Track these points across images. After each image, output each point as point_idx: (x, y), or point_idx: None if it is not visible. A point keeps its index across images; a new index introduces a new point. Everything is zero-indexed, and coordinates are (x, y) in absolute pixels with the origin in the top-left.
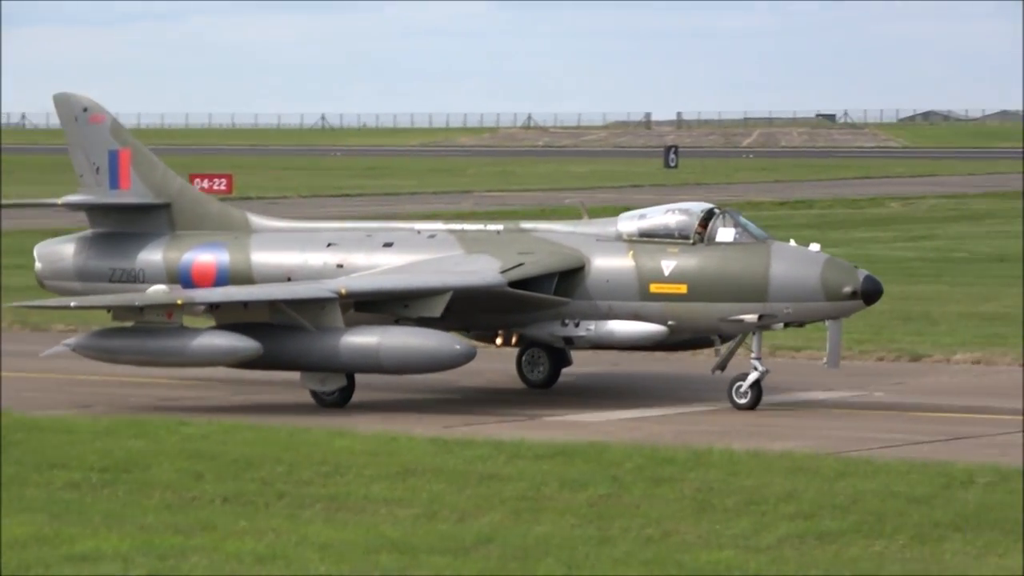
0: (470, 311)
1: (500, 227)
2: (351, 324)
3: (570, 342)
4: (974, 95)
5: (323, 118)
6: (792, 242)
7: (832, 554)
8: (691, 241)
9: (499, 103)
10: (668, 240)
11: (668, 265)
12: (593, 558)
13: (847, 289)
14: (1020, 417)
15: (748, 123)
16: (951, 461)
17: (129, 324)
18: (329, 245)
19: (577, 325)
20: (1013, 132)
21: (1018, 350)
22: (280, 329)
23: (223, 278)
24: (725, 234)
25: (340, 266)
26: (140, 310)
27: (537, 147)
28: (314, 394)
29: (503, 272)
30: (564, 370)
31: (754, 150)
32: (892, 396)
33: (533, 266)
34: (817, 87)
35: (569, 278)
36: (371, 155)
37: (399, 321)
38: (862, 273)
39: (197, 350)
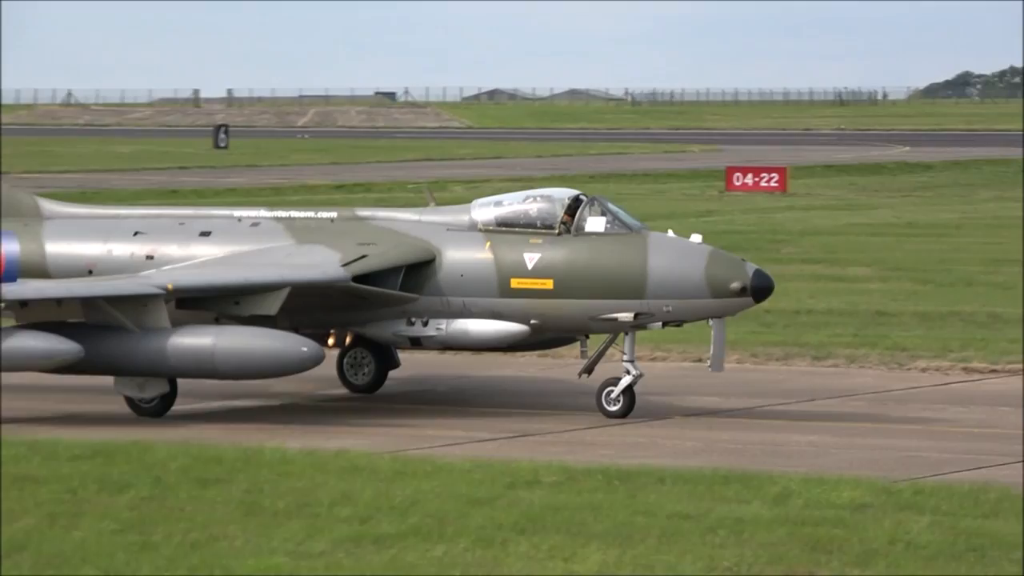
0: (304, 309)
1: (334, 214)
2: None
3: (417, 343)
4: (541, 74)
5: None
6: (671, 232)
7: (389, 558)
8: (556, 231)
9: (36, 78)
10: (530, 230)
11: (531, 258)
12: (134, 565)
13: (735, 285)
14: (589, 413)
15: (303, 101)
16: (515, 460)
17: None
18: (136, 234)
19: (426, 324)
20: (582, 112)
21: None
22: (100, 330)
23: (12, 271)
24: (595, 223)
25: (150, 257)
26: None
27: (78, 126)
28: (130, 401)
29: (344, 265)
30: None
31: (309, 130)
32: (453, 393)
33: (377, 259)
34: (376, 64)
35: (417, 272)
36: None
37: (219, 320)
38: (751, 267)
39: (8, 354)
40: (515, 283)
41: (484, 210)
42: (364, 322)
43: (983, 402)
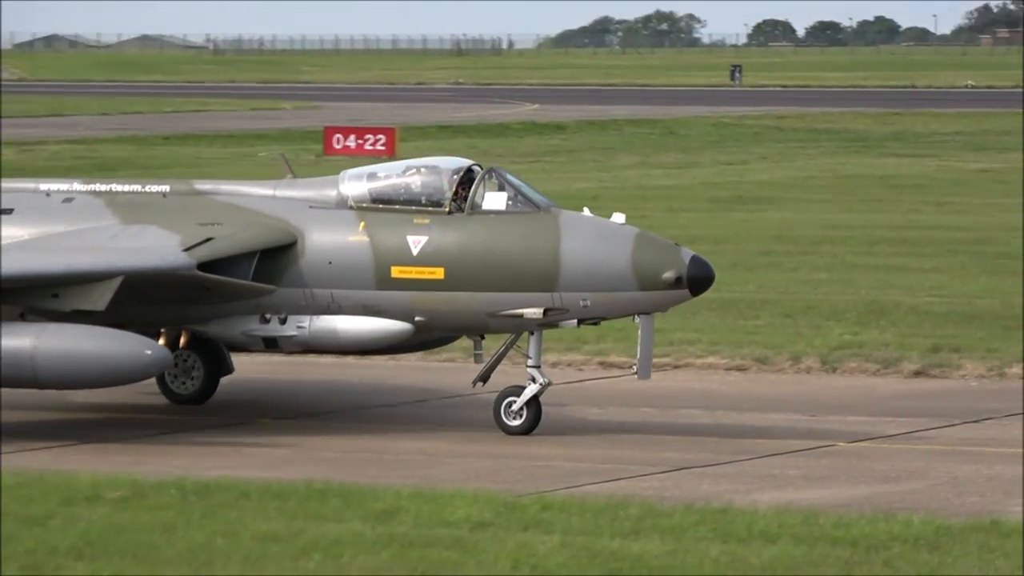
0: (134, 302)
1: (166, 188)
2: None
3: (273, 344)
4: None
5: None
6: (586, 211)
7: None
8: (446, 209)
9: None
10: (414, 208)
11: (417, 242)
12: None
13: (668, 275)
14: (159, 410)
15: None
16: (74, 472)
17: None
18: None
19: (284, 322)
20: (156, 62)
21: None
22: None
23: None
24: (494, 200)
25: None
26: None
27: None
28: None
29: (187, 250)
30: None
31: None
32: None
33: (226, 242)
34: None
35: (274, 259)
36: None
37: (24, 316)
38: (687, 253)
39: None
40: (397, 272)
41: (355, 184)
42: (206, 319)
43: (623, 402)
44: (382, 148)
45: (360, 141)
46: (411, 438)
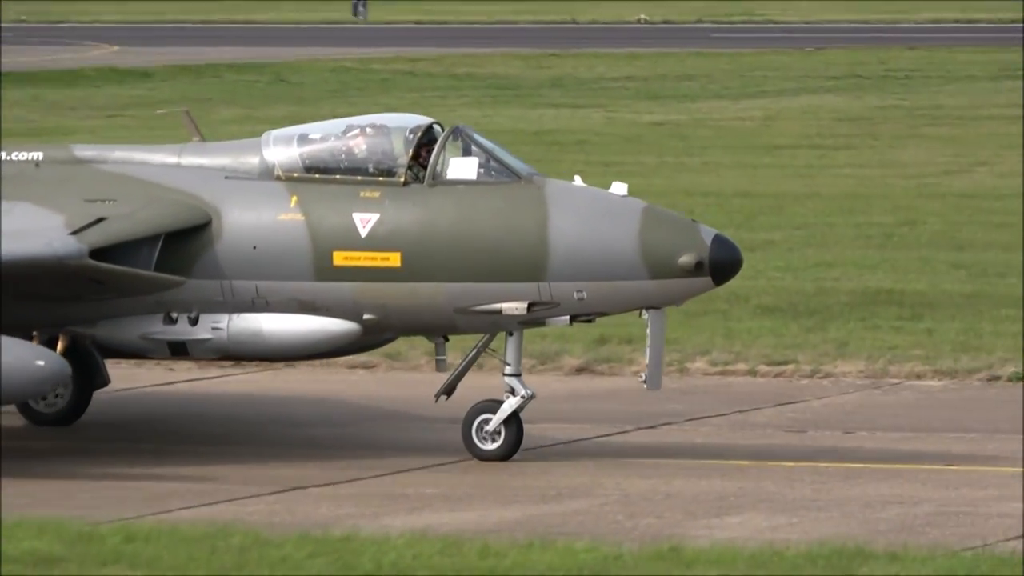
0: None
1: (38, 155)
2: None
3: (181, 350)
4: None
5: None
6: (578, 179)
7: None
8: (401, 180)
9: None
10: (360, 178)
11: (365, 220)
12: None
13: (686, 259)
14: None
15: None
16: None
17: None
18: None
19: (195, 322)
20: None
21: None
22: None
23: None
24: (462, 167)
25: None
26: None
27: None
28: None
29: (75, 233)
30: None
31: None
32: None
33: (123, 223)
34: None
35: (182, 243)
36: None
37: None
38: (708, 232)
39: None
40: (340, 258)
41: (284, 149)
42: (92, 319)
43: (225, 407)
44: None
45: None
46: None
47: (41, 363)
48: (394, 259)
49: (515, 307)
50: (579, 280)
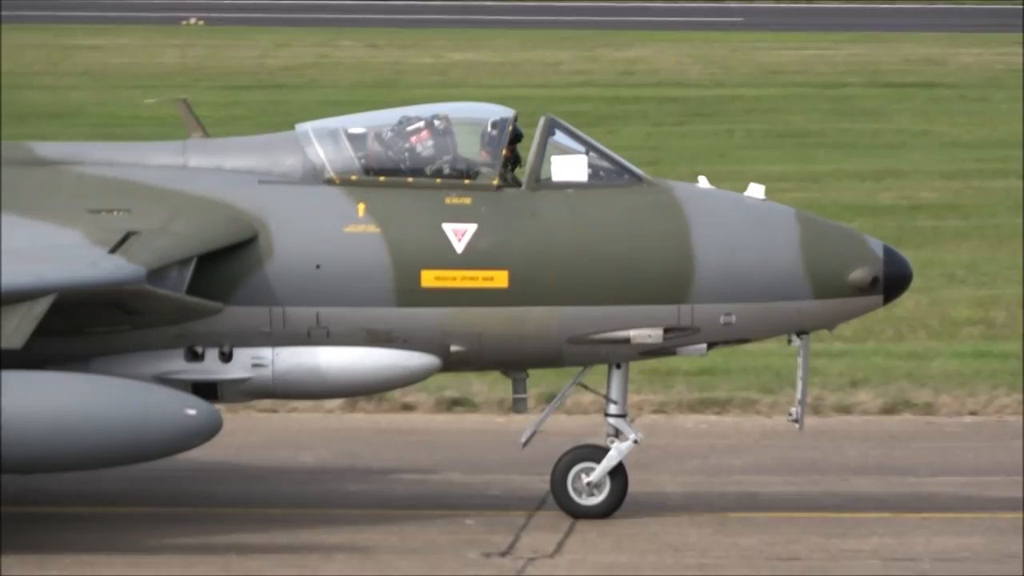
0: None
1: None
2: None
3: (210, 391)
4: None
5: None
6: (704, 181)
7: None
8: (494, 183)
9: None
10: (443, 181)
11: (460, 232)
12: None
13: (859, 275)
14: None
15: None
16: None
17: None
18: None
19: (228, 357)
20: None
21: None
22: None
23: None
24: (567, 166)
25: None
26: None
27: None
28: None
29: (113, 251)
30: None
31: None
32: None
33: (167, 239)
34: None
35: (216, 263)
36: None
37: None
38: (876, 243)
39: None
40: (430, 279)
41: (332, 147)
42: (89, 355)
43: None
44: None
45: None
46: None
47: (191, 412)
48: (500, 279)
49: (648, 334)
50: (729, 301)
